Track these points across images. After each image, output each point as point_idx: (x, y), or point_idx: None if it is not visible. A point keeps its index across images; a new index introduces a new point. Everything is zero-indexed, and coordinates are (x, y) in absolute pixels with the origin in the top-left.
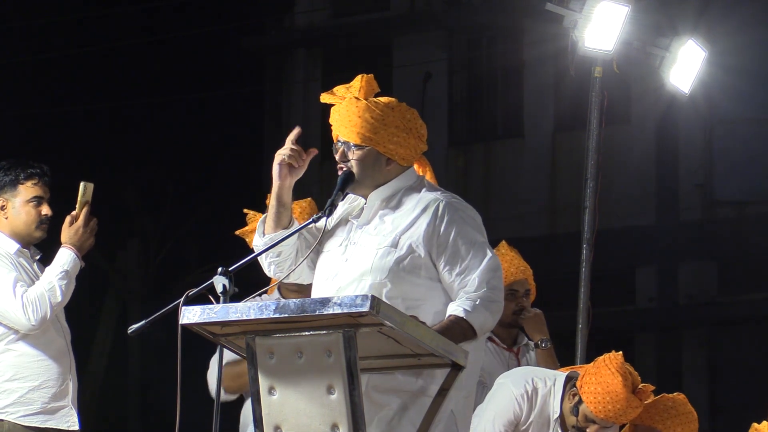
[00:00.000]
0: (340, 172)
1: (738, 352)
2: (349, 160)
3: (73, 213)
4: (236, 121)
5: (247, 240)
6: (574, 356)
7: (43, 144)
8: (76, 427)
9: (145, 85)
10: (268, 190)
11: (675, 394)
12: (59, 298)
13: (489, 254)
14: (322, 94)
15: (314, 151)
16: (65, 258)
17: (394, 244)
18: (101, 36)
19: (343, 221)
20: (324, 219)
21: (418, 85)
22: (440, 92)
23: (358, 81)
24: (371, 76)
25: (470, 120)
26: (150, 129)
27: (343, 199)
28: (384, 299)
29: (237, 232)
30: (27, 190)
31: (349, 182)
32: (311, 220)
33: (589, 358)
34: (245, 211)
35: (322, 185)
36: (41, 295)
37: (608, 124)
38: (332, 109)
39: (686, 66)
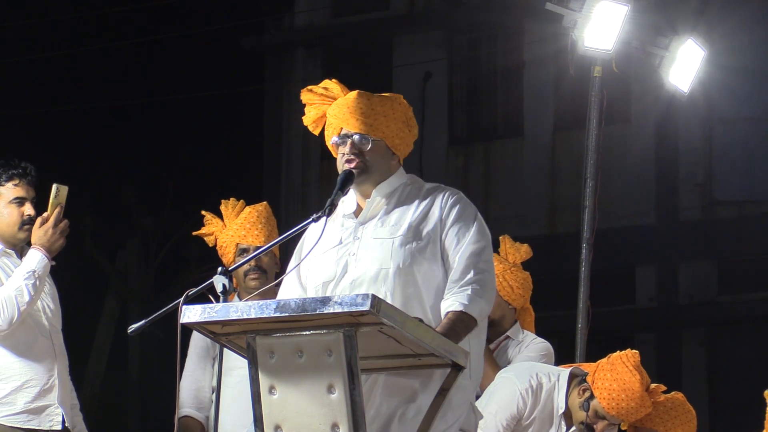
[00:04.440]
0: (349, 165)
1: (738, 352)
2: (361, 153)
3: (45, 214)
4: (236, 121)
5: (206, 240)
6: (574, 356)
7: (42, 144)
8: (59, 427)
9: (145, 84)
10: (268, 189)
11: (673, 393)
12: (26, 299)
13: (475, 237)
14: (303, 94)
15: None
16: (34, 259)
17: (411, 233)
18: (101, 36)
19: (334, 222)
20: (324, 218)
21: (418, 85)
22: (440, 92)
23: (336, 84)
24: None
25: (470, 119)
26: (150, 129)
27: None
28: (409, 288)
29: (195, 233)
30: (8, 191)
31: (349, 182)
32: (311, 219)
33: (588, 358)
34: (203, 213)
35: (322, 185)
36: (8, 297)
37: (608, 124)
38: (333, 104)
39: (685, 65)
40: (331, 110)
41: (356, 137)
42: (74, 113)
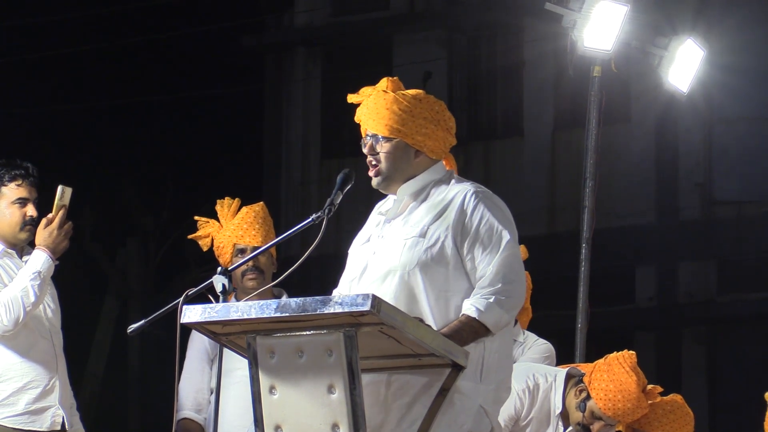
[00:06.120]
0: (370, 169)
1: (738, 352)
2: (377, 154)
3: (49, 215)
4: (236, 120)
5: (200, 244)
6: (573, 355)
7: (42, 143)
8: (59, 428)
9: (145, 84)
10: (268, 189)
11: (671, 395)
12: (32, 299)
13: (508, 245)
14: (349, 95)
15: None
16: (39, 260)
17: (422, 235)
18: (101, 35)
19: (374, 219)
20: (324, 219)
21: (418, 84)
22: (440, 91)
23: (385, 80)
24: (396, 78)
25: (470, 118)
26: (150, 128)
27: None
28: (414, 291)
29: (190, 237)
30: (11, 191)
31: (348, 181)
32: (310, 219)
33: (588, 358)
34: (196, 218)
35: (322, 185)
36: (14, 297)
37: (607, 124)
38: (360, 105)
39: (685, 65)
40: (358, 111)
41: (371, 138)
42: (74, 112)
